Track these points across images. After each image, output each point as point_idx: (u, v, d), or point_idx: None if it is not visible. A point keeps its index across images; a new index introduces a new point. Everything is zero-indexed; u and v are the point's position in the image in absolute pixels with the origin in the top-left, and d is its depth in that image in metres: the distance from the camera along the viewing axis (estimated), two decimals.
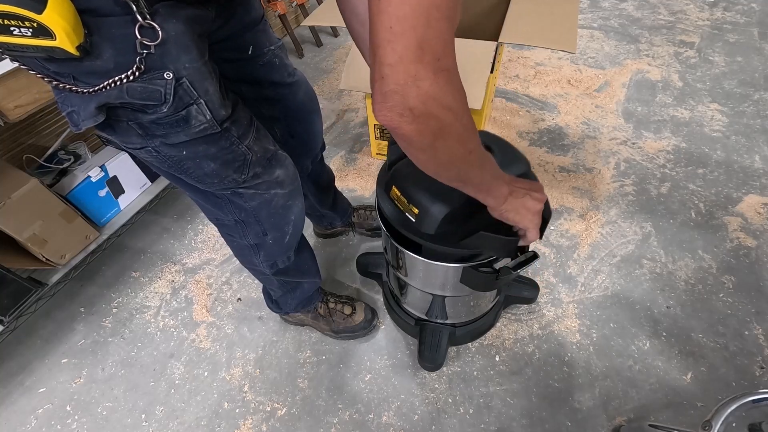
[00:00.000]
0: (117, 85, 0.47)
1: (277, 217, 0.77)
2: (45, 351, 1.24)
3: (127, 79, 0.47)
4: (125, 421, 1.09)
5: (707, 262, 1.28)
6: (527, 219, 0.65)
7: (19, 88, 0.94)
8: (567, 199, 1.47)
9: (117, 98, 0.48)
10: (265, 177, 0.69)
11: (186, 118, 0.53)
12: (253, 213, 0.74)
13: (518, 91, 1.91)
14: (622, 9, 2.37)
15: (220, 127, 0.58)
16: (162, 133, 0.54)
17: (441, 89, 0.40)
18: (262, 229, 0.78)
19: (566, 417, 1.03)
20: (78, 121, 0.51)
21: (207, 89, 0.54)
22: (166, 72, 0.48)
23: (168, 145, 0.56)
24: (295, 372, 1.15)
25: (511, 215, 0.63)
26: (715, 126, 1.68)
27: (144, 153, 0.58)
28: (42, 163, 1.25)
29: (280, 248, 0.86)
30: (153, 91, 0.48)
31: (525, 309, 1.21)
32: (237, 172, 0.65)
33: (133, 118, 0.52)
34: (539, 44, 1.11)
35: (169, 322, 1.27)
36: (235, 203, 0.72)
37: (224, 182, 0.66)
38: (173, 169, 0.62)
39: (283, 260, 0.91)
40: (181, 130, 0.54)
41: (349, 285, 1.32)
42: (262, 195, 0.72)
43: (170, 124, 0.53)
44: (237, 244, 0.86)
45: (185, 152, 0.58)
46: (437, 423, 1.04)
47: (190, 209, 1.56)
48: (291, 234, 0.84)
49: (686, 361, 1.09)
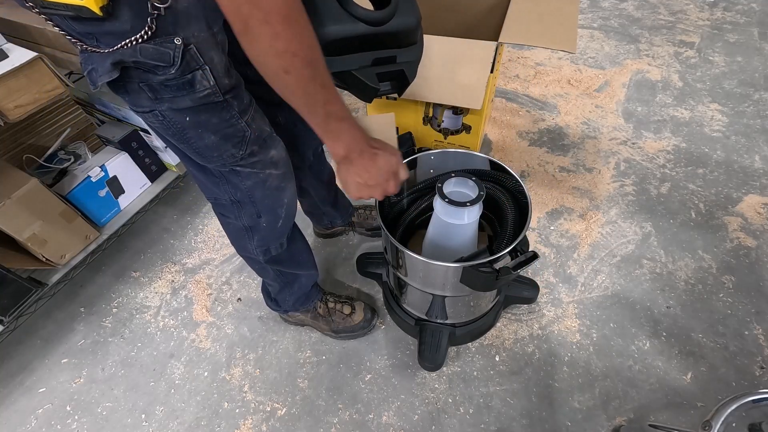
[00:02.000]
0: (132, 45, 0.52)
1: (271, 198, 0.81)
2: (45, 351, 1.24)
3: (141, 39, 0.52)
4: (125, 421, 1.09)
5: (707, 262, 1.28)
6: (376, 178, 0.68)
7: (19, 88, 0.94)
8: (567, 199, 1.47)
9: (131, 57, 0.53)
10: (261, 156, 0.73)
11: (191, 81, 0.58)
12: (248, 193, 0.78)
13: (518, 91, 1.91)
14: (622, 9, 2.37)
15: (223, 96, 0.62)
16: (169, 96, 0.59)
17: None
18: (256, 210, 0.82)
19: (566, 417, 1.03)
20: (96, 78, 0.56)
21: (212, 58, 0.59)
22: (176, 38, 0.53)
23: (174, 110, 0.61)
24: (295, 372, 1.15)
25: (349, 177, 0.67)
26: (715, 126, 1.68)
27: (151, 117, 0.62)
28: (42, 163, 1.25)
29: (272, 232, 0.89)
30: (163, 53, 0.53)
31: (525, 309, 1.21)
32: (235, 147, 0.69)
33: (144, 79, 0.57)
34: (539, 44, 1.11)
35: (169, 322, 1.27)
36: (232, 182, 0.76)
37: (223, 157, 0.70)
38: (177, 137, 0.66)
39: (275, 246, 0.93)
40: (186, 94, 0.59)
41: (349, 285, 1.32)
42: (258, 174, 0.76)
43: (177, 87, 0.58)
44: (232, 227, 0.89)
45: (188, 119, 0.62)
46: (437, 423, 1.04)
47: (190, 209, 1.57)
48: (284, 218, 0.87)
49: (686, 361, 1.09)
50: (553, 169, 1.58)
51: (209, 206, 1.57)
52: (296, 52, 0.49)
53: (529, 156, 1.63)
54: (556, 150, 1.64)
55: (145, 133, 1.30)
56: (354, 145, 0.64)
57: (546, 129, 1.73)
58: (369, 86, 0.79)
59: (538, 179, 1.54)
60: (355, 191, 0.69)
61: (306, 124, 1.00)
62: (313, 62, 0.53)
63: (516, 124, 1.76)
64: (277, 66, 0.50)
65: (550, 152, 1.64)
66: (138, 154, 1.31)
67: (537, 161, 1.61)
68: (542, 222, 1.42)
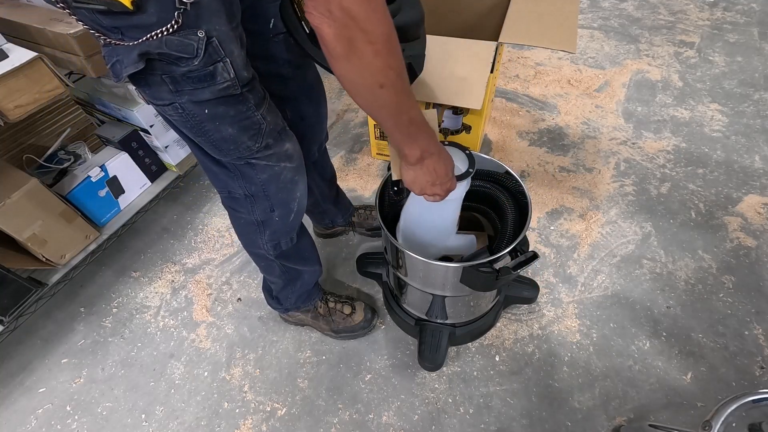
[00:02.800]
0: (158, 37, 0.54)
1: (285, 191, 0.82)
2: (45, 351, 1.24)
3: (167, 31, 0.54)
4: (125, 421, 1.09)
5: (707, 262, 1.28)
6: (432, 182, 0.73)
7: (19, 88, 0.94)
8: (567, 199, 1.47)
9: (156, 48, 0.55)
10: (276, 149, 0.75)
11: (212, 73, 0.60)
12: (262, 186, 0.79)
13: (518, 91, 1.91)
14: (622, 9, 2.37)
15: (241, 89, 0.64)
16: (190, 88, 0.61)
17: (357, 4, 0.47)
18: (270, 204, 0.83)
19: (566, 417, 1.03)
20: (120, 70, 0.58)
21: (233, 50, 0.61)
22: (199, 30, 0.56)
23: (193, 103, 0.63)
24: (295, 372, 1.15)
25: (420, 177, 0.72)
26: (715, 126, 1.68)
27: (171, 110, 0.64)
28: (42, 163, 1.25)
29: (284, 226, 0.90)
30: (187, 44, 0.56)
31: (525, 309, 1.21)
32: (251, 140, 0.70)
33: (167, 71, 0.59)
34: (539, 44, 1.11)
35: (169, 322, 1.27)
36: (247, 176, 0.78)
37: (240, 149, 0.71)
38: (194, 130, 0.67)
39: (286, 241, 0.94)
40: (207, 86, 0.61)
41: (349, 285, 1.32)
42: (273, 167, 0.77)
43: (199, 79, 0.60)
44: (243, 221, 0.90)
45: (207, 111, 0.64)
46: (437, 423, 1.04)
47: (190, 209, 1.57)
48: (296, 212, 0.88)
49: (686, 361, 1.09)
50: (553, 169, 1.58)
51: (209, 206, 1.57)
52: (392, 65, 0.54)
53: (529, 156, 1.63)
54: (556, 150, 1.64)
55: (145, 133, 1.30)
56: (428, 147, 0.68)
57: (546, 129, 1.73)
58: None
59: (538, 179, 1.55)
60: (428, 189, 0.74)
61: (312, 120, 1.01)
62: (403, 74, 0.57)
63: (516, 124, 1.76)
64: (373, 82, 0.55)
65: (550, 152, 1.64)
66: (138, 154, 1.31)
67: (537, 161, 1.61)
68: (542, 222, 1.42)
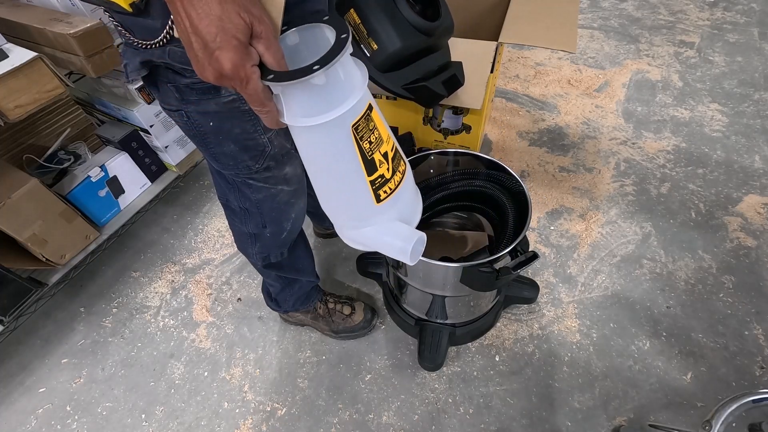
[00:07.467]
0: (162, 45, 0.53)
1: (279, 212, 0.82)
2: (45, 351, 1.24)
3: (166, 40, 0.52)
4: (125, 421, 1.09)
5: (707, 262, 1.28)
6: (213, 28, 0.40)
7: (19, 88, 0.94)
8: (567, 199, 1.47)
9: (159, 57, 0.54)
10: (275, 171, 0.74)
11: (216, 86, 0.58)
12: (256, 204, 0.79)
13: (518, 91, 1.91)
14: (622, 9, 2.37)
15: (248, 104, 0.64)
16: (195, 98, 0.60)
17: None
18: (262, 221, 0.83)
19: (566, 417, 1.03)
20: (128, 73, 0.58)
21: None
22: None
23: (199, 113, 0.62)
24: (295, 372, 1.15)
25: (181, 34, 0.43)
26: (715, 126, 1.68)
27: (177, 116, 0.64)
28: (42, 163, 1.25)
29: (275, 243, 0.89)
30: None
31: (525, 309, 1.21)
32: (252, 160, 0.69)
33: (172, 80, 0.58)
34: (539, 44, 1.11)
35: (169, 322, 1.27)
36: (243, 192, 0.77)
37: (239, 167, 0.70)
38: (197, 140, 0.67)
39: (276, 255, 0.94)
40: (212, 98, 0.60)
41: (349, 285, 1.32)
42: (269, 189, 0.76)
43: (203, 90, 0.59)
44: (237, 229, 0.90)
45: (212, 124, 0.63)
46: (437, 423, 1.04)
47: (190, 209, 1.57)
48: (288, 231, 0.87)
49: (686, 361, 1.09)
50: (553, 169, 1.58)
51: (209, 206, 1.57)
52: None
53: (529, 156, 1.63)
54: (556, 150, 1.64)
55: (144, 133, 1.30)
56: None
57: (546, 129, 1.73)
58: (437, 93, 0.86)
59: (538, 179, 1.54)
60: (202, 69, 0.42)
61: None
62: None
63: (516, 124, 1.76)
64: None
65: (550, 152, 1.64)
66: (138, 154, 1.31)
67: (537, 161, 1.61)
68: (542, 222, 1.42)
